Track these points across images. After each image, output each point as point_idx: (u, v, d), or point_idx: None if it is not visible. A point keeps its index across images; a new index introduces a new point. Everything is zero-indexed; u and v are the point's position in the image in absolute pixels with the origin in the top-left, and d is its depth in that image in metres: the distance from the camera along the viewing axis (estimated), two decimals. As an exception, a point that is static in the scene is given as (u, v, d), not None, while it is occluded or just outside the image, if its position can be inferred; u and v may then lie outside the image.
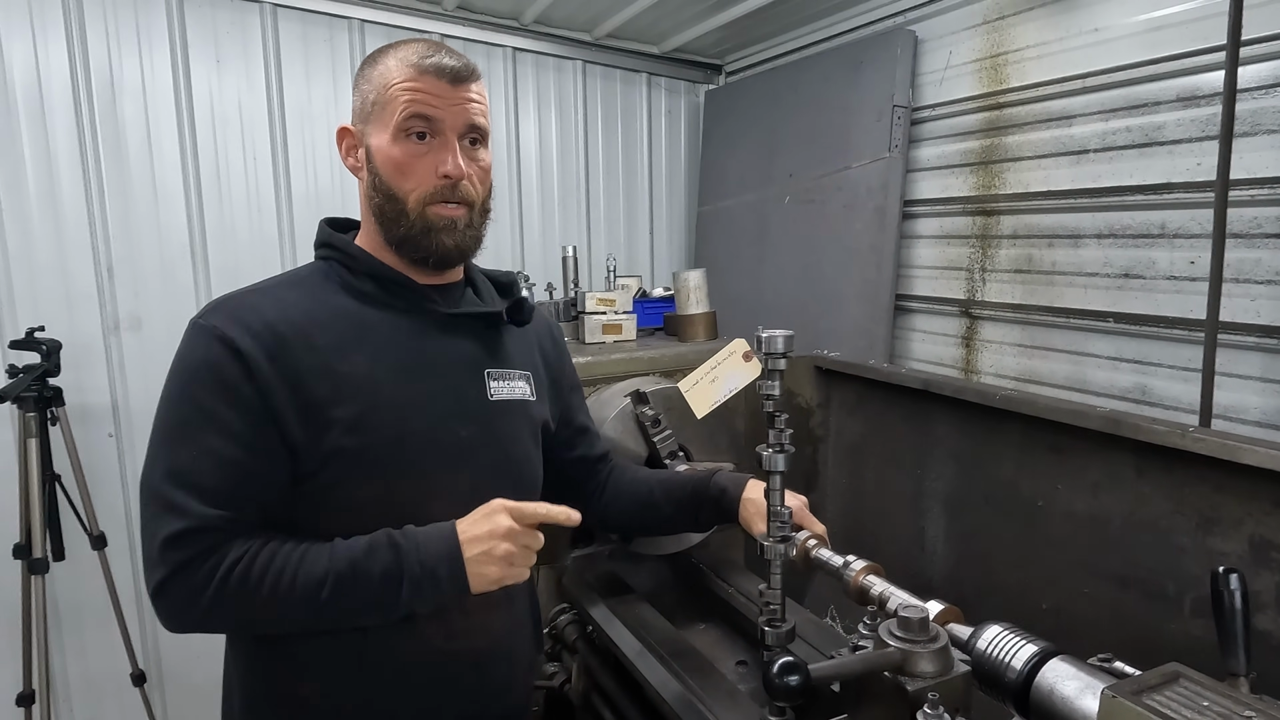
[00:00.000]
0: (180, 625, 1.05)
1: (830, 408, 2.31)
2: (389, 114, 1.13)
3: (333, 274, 1.19)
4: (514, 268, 3.32)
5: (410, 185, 1.14)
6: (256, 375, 1.04)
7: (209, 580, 1.00)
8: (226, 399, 1.04)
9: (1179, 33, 2.08)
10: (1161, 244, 2.16)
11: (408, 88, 1.12)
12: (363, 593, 1.04)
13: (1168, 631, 1.46)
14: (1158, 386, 2.21)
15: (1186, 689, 0.80)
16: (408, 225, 1.16)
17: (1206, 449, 1.35)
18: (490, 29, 3.23)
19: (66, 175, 2.50)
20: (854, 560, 1.26)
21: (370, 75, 1.17)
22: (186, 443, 1.04)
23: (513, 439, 1.28)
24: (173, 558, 1.00)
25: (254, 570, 1.01)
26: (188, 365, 1.07)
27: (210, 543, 1.02)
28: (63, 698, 2.62)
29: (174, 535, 1.00)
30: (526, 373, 1.33)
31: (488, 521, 1.08)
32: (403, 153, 1.14)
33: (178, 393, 1.06)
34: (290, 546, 1.05)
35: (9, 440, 2.41)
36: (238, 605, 1.02)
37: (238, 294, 1.14)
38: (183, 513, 1.01)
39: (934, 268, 2.87)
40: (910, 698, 0.92)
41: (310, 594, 1.02)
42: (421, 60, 1.14)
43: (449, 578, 1.06)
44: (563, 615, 1.82)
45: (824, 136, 3.10)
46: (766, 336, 1.14)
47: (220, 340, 1.05)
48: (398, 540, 1.06)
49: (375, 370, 1.12)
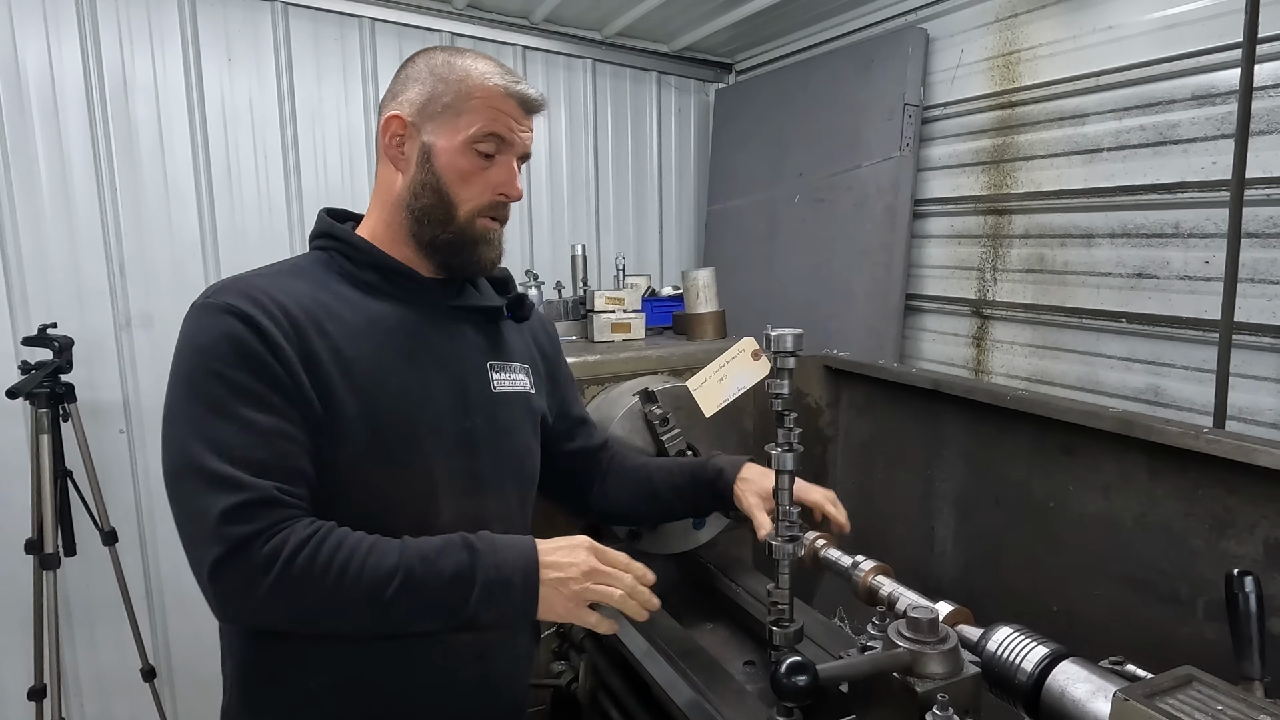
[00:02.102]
0: (235, 611, 0.99)
1: (840, 407, 2.30)
2: (464, 123, 1.15)
3: (333, 264, 1.19)
4: (523, 266, 3.33)
5: (468, 195, 1.16)
6: (278, 351, 1.02)
7: (271, 561, 0.94)
8: (254, 371, 1.01)
9: (1194, 30, 2.06)
10: (1175, 244, 2.14)
11: (493, 105, 1.16)
12: (431, 593, 1.00)
13: (1180, 635, 1.44)
14: (1171, 388, 2.19)
15: (1200, 693, 0.79)
16: (454, 230, 1.17)
17: (1221, 450, 1.34)
18: (500, 27, 3.24)
19: (79, 173, 2.51)
20: (863, 560, 1.25)
21: (445, 76, 1.16)
22: (222, 418, 0.99)
23: (515, 430, 1.29)
24: (233, 533, 0.94)
25: (320, 555, 0.96)
26: (203, 343, 1.02)
27: (273, 518, 0.96)
28: (73, 692, 2.64)
29: (233, 508, 0.94)
30: (526, 366, 1.35)
31: (571, 554, 1.08)
32: (470, 163, 1.16)
33: (200, 371, 1.01)
34: (359, 535, 1.01)
35: (21, 436, 2.43)
36: (300, 592, 0.96)
37: (240, 276, 1.12)
38: (237, 485, 0.95)
39: (945, 267, 2.85)
40: (919, 699, 0.91)
41: (377, 588, 0.97)
42: (510, 85, 1.17)
43: (522, 589, 1.04)
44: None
45: (834, 135, 3.09)
46: (775, 335, 1.14)
47: (236, 315, 1.02)
48: (473, 543, 1.05)
49: (383, 360, 1.12)
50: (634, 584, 1.11)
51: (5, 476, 2.45)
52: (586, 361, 2.04)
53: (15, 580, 2.43)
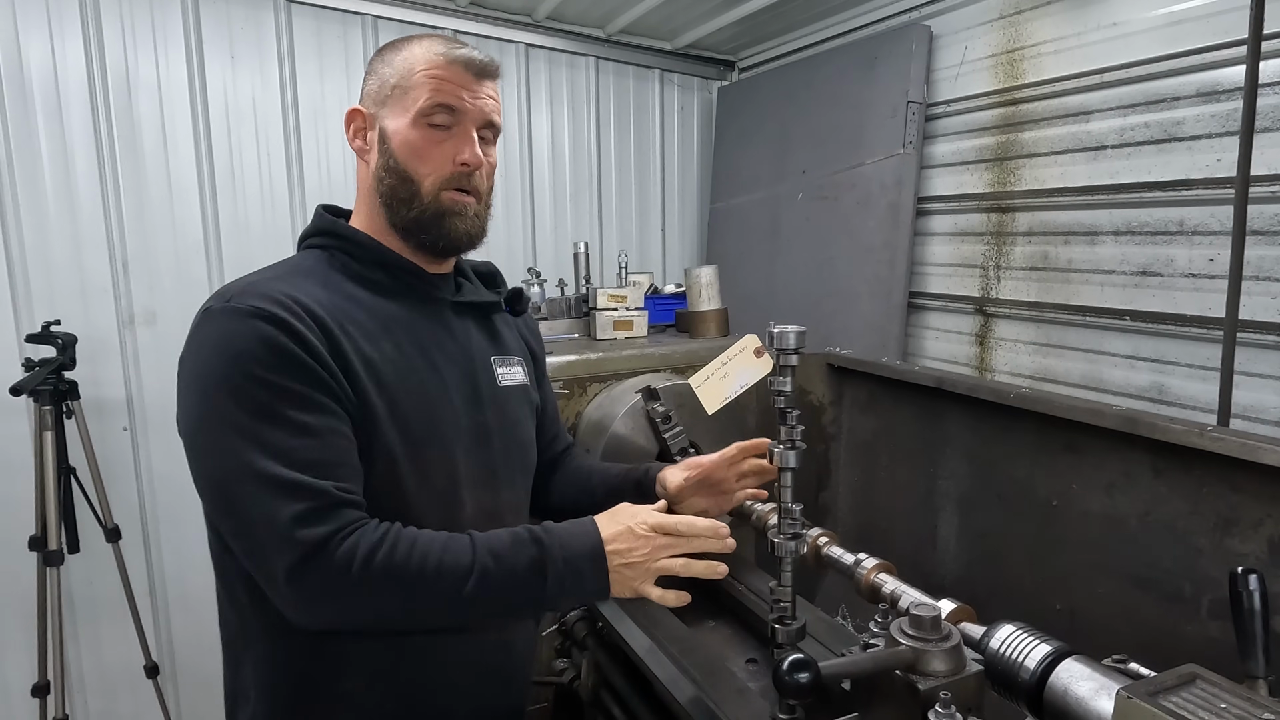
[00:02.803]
0: (321, 613, 0.98)
1: (842, 405, 2.30)
2: (411, 99, 1.14)
3: (335, 263, 1.18)
4: (526, 264, 3.32)
5: (427, 169, 1.15)
6: (314, 351, 1.02)
7: (349, 561, 0.94)
8: (296, 375, 1.00)
9: (1199, 27, 2.05)
10: (1180, 241, 2.14)
11: (434, 75, 1.13)
12: (507, 587, 1.01)
13: (1184, 633, 1.44)
14: (1175, 385, 2.18)
15: (1204, 691, 0.79)
16: (420, 208, 1.16)
17: (1225, 449, 1.33)
18: (503, 25, 3.23)
19: (82, 171, 2.51)
20: (865, 558, 1.25)
21: (392, 60, 1.17)
22: (273, 423, 0.97)
23: (520, 422, 1.31)
24: (307, 536, 0.93)
25: (397, 553, 0.97)
26: (239, 349, 0.99)
27: (344, 519, 0.97)
28: (77, 689, 2.65)
29: (304, 513, 0.94)
30: (521, 359, 1.36)
31: (633, 534, 1.08)
32: (422, 138, 1.14)
33: (240, 377, 0.98)
34: (430, 535, 1.02)
35: (25, 433, 2.44)
36: (381, 591, 0.96)
37: (257, 280, 1.09)
38: (305, 490, 0.95)
39: (948, 265, 2.84)
40: (922, 697, 0.91)
41: (456, 585, 0.98)
42: (451, 51, 1.15)
43: (593, 575, 1.05)
44: (573, 611, 1.81)
45: (837, 133, 3.08)
46: (778, 332, 1.14)
47: (268, 320, 1.01)
48: (540, 536, 1.05)
49: (402, 359, 1.13)
50: (702, 546, 1.10)
51: (9, 473, 2.45)
52: (589, 359, 2.04)
53: (19, 577, 2.44)
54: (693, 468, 1.39)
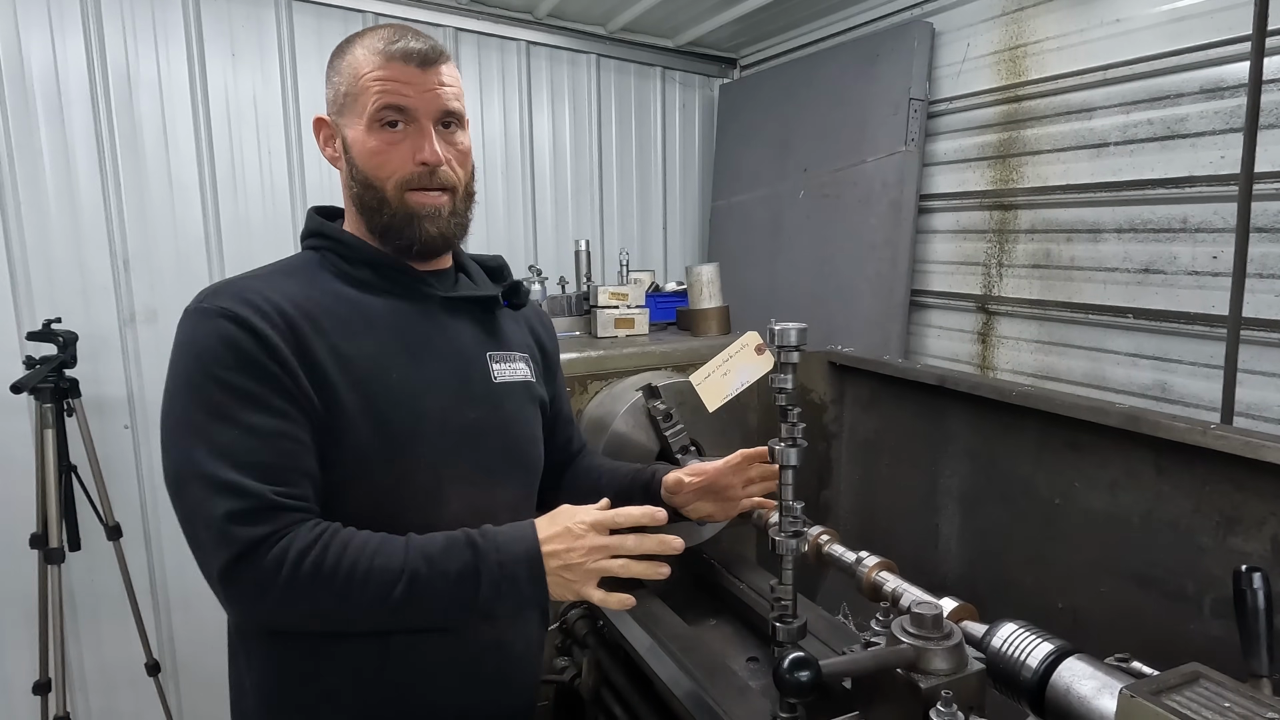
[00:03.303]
0: (253, 611, 1.00)
1: (844, 403, 2.29)
2: (361, 105, 1.12)
3: (326, 263, 1.18)
4: (527, 261, 3.32)
5: (386, 173, 1.13)
6: (276, 352, 1.02)
7: (279, 564, 0.95)
8: (253, 375, 1.01)
9: (1203, 23, 2.05)
10: (1183, 238, 2.13)
11: (377, 77, 1.11)
12: (438, 592, 1.00)
13: (1187, 632, 1.43)
14: (1178, 383, 2.18)
15: (1207, 689, 0.79)
16: (389, 213, 1.15)
17: (1228, 447, 1.33)
18: (504, 22, 3.23)
19: (84, 169, 2.51)
20: (867, 556, 1.25)
21: (340, 66, 1.16)
22: (224, 422, 0.99)
23: (518, 420, 1.28)
24: (241, 535, 0.95)
25: (328, 557, 0.97)
26: (200, 349, 1.02)
27: (280, 522, 0.97)
28: (78, 686, 2.65)
29: (236, 512, 0.95)
30: (525, 354, 1.34)
31: (572, 535, 1.06)
32: (378, 142, 1.13)
33: (198, 377, 1.01)
34: (364, 537, 1.01)
35: (26, 431, 2.44)
36: (309, 594, 0.97)
37: (233, 280, 1.11)
38: (241, 491, 0.96)
39: (950, 263, 2.84)
40: (923, 695, 0.91)
41: (384, 589, 0.98)
42: (388, 47, 1.12)
43: (529, 580, 1.04)
44: (574, 610, 1.81)
45: (839, 130, 3.07)
46: (779, 329, 1.13)
47: (232, 320, 1.02)
48: (475, 540, 1.04)
49: (382, 356, 1.12)
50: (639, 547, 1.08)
51: (10, 471, 2.45)
52: (590, 357, 2.03)
53: (20, 575, 2.44)
54: (697, 473, 1.38)
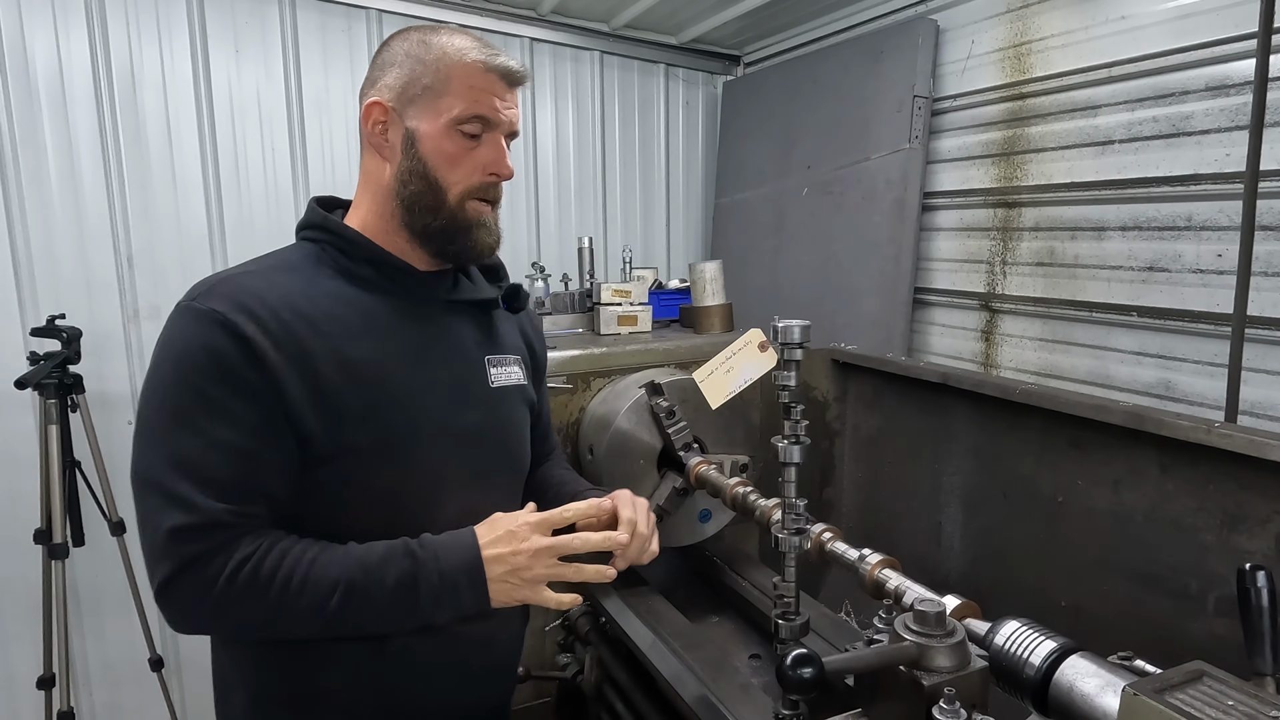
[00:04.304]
0: (188, 624, 1.02)
1: (847, 401, 2.29)
2: (445, 105, 1.11)
3: (325, 258, 1.15)
4: (530, 258, 3.31)
5: (456, 178, 1.13)
6: (264, 362, 1.00)
7: (217, 578, 0.96)
8: (232, 388, 0.99)
9: (1209, 20, 2.04)
10: (1188, 236, 2.12)
11: (474, 85, 1.11)
12: (374, 603, 1.01)
13: (1190, 631, 1.43)
14: (1182, 382, 2.17)
15: (1211, 688, 0.78)
16: (446, 216, 1.14)
17: (1232, 445, 1.32)
18: (507, 19, 3.23)
19: (87, 166, 2.52)
20: (869, 554, 1.24)
21: (422, 57, 1.12)
22: (189, 432, 0.98)
23: (512, 425, 1.28)
24: (181, 551, 0.96)
25: (263, 570, 0.98)
26: (185, 350, 1.01)
27: (221, 538, 0.98)
28: (82, 681, 2.66)
29: (180, 528, 0.96)
30: (517, 356, 1.33)
31: (514, 539, 1.06)
32: (455, 146, 1.12)
33: (175, 379, 1.01)
34: (303, 547, 1.02)
35: (30, 427, 2.44)
36: (246, 606, 0.98)
37: (230, 276, 1.08)
38: (189, 506, 0.96)
39: (954, 260, 2.83)
40: (926, 692, 0.90)
41: (319, 600, 0.99)
42: (490, 59, 1.13)
43: (469, 588, 1.04)
44: (576, 607, 1.81)
45: (843, 128, 3.07)
46: (783, 326, 1.13)
47: (222, 326, 1.00)
48: (414, 550, 1.04)
49: (384, 358, 1.10)
50: (586, 544, 1.09)
51: (14, 467, 2.46)
52: (593, 354, 2.03)
53: (24, 570, 2.45)
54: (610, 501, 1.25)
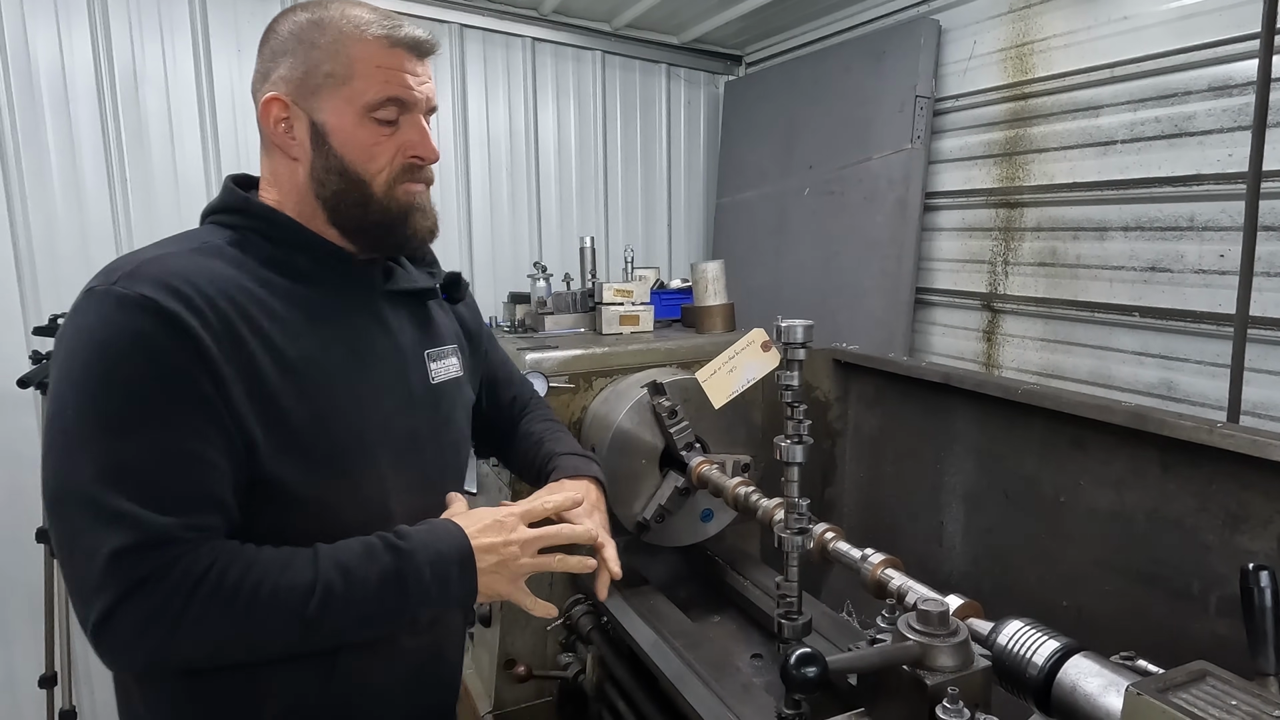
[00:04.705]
0: (133, 658, 0.87)
1: (849, 401, 2.29)
2: (354, 91, 1.00)
3: (250, 245, 1.02)
4: (532, 258, 3.31)
5: (377, 167, 1.03)
6: (207, 356, 0.88)
7: (170, 600, 0.83)
8: (168, 383, 0.87)
9: (1211, 20, 2.04)
10: (1190, 237, 2.12)
11: (382, 64, 1.00)
12: (357, 603, 0.92)
13: (1192, 631, 1.43)
14: (1184, 382, 2.17)
15: (1214, 687, 0.78)
16: (379, 210, 1.04)
17: (1234, 445, 1.32)
18: (509, 18, 3.23)
19: (90, 164, 2.52)
20: (872, 553, 1.24)
21: (317, 40, 1.00)
22: (121, 438, 0.85)
23: (453, 422, 1.22)
24: (124, 577, 0.82)
25: (227, 580, 0.86)
26: (109, 343, 0.86)
27: (170, 556, 0.84)
28: (84, 680, 2.66)
29: (124, 550, 0.82)
30: (454, 346, 1.26)
31: (501, 529, 1.02)
32: (371, 135, 1.02)
33: (99, 376, 0.86)
34: (269, 554, 0.91)
35: (33, 426, 2.44)
36: (210, 625, 0.86)
37: (154, 257, 0.93)
38: (132, 523, 0.83)
39: (955, 261, 2.83)
40: (929, 692, 0.91)
41: (295, 607, 0.88)
42: (394, 32, 1.01)
43: (460, 580, 0.98)
44: (578, 606, 1.81)
45: (845, 128, 3.07)
46: (786, 326, 1.13)
47: (154, 313, 0.86)
48: (396, 543, 0.96)
49: (327, 358, 1.01)
50: (573, 535, 1.08)
51: (16, 466, 2.46)
52: (594, 354, 2.03)
53: (26, 569, 2.45)
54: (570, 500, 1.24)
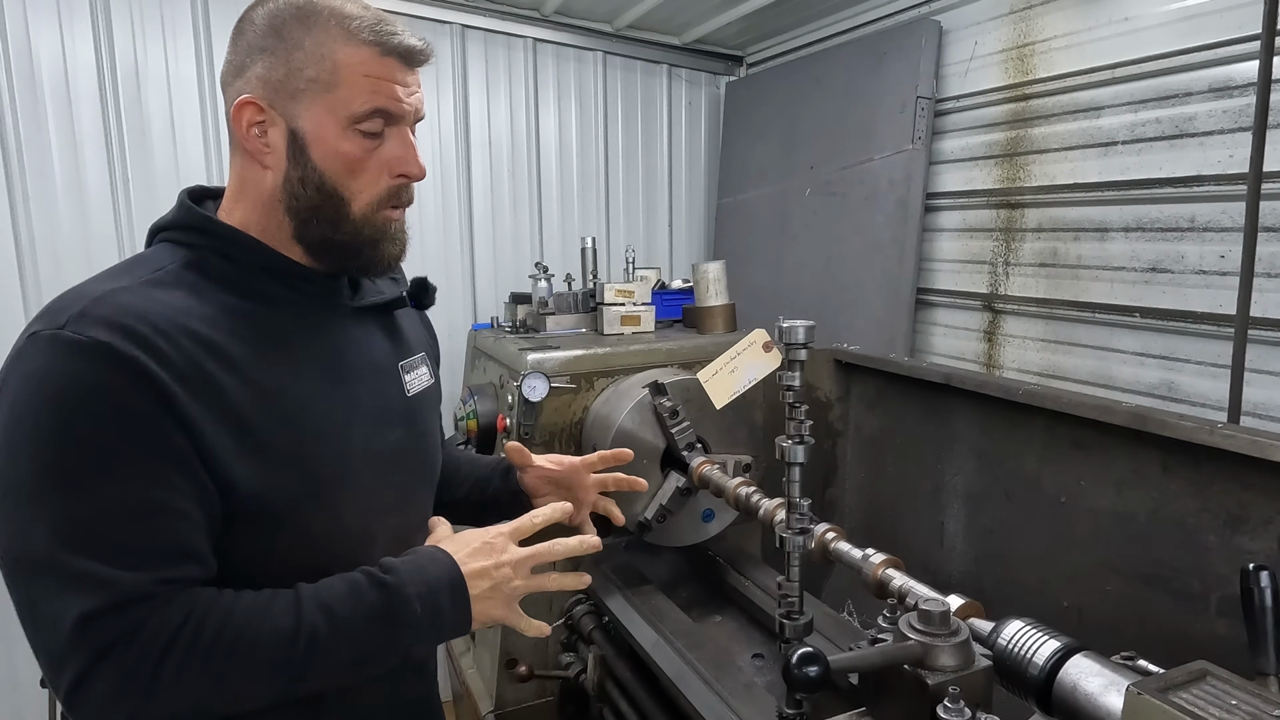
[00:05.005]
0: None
1: (850, 401, 2.30)
2: (338, 100, 0.93)
3: (209, 267, 0.95)
4: (533, 258, 3.32)
5: (360, 185, 0.97)
6: (170, 400, 0.82)
7: (144, 660, 0.79)
8: (131, 434, 0.81)
9: (1212, 21, 2.04)
10: (1191, 237, 2.12)
11: (371, 74, 0.94)
12: (345, 646, 0.88)
13: (1193, 631, 1.43)
14: (1185, 383, 2.17)
15: (1214, 687, 0.79)
16: (349, 231, 0.98)
17: (1235, 446, 1.33)
18: (510, 19, 3.23)
19: (92, 163, 2.52)
20: (873, 553, 1.25)
21: (301, 41, 0.93)
22: (81, 494, 0.79)
23: (428, 432, 1.20)
24: (94, 640, 0.78)
25: (204, 635, 0.82)
26: (61, 393, 0.80)
27: (142, 613, 0.80)
28: (86, 679, 2.66)
29: (92, 613, 0.78)
30: (424, 353, 1.23)
31: (491, 552, 0.99)
32: (355, 148, 0.95)
33: (51, 429, 0.79)
34: (248, 599, 0.87)
35: (35, 425, 2.45)
36: (189, 684, 0.81)
37: (103, 295, 0.85)
38: (99, 583, 0.78)
39: (956, 261, 2.83)
40: (931, 691, 0.91)
41: (279, 656, 0.85)
42: (386, 39, 0.96)
43: (452, 610, 0.95)
44: (579, 606, 1.82)
45: (846, 128, 3.07)
46: (787, 326, 1.13)
47: (109, 359, 0.80)
48: (382, 578, 0.92)
49: (303, 382, 0.96)
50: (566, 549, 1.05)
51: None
52: (596, 354, 2.04)
53: (29, 568, 2.45)
54: (556, 463, 1.35)
